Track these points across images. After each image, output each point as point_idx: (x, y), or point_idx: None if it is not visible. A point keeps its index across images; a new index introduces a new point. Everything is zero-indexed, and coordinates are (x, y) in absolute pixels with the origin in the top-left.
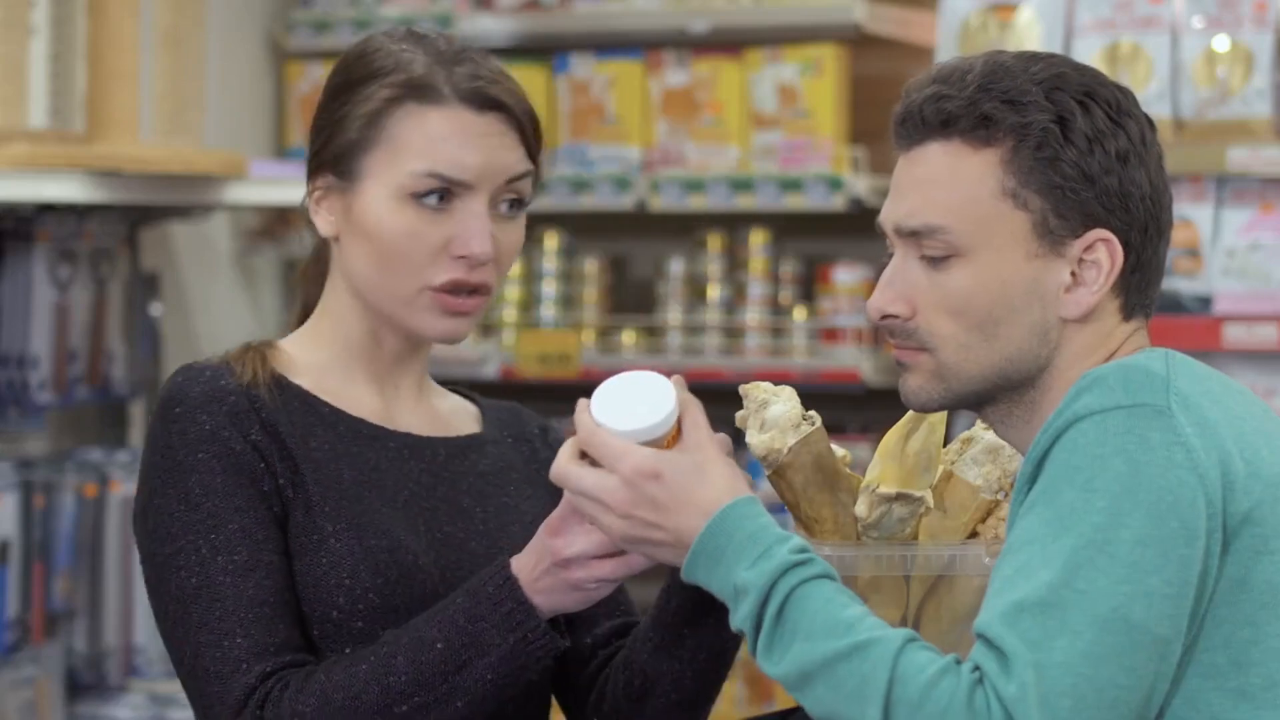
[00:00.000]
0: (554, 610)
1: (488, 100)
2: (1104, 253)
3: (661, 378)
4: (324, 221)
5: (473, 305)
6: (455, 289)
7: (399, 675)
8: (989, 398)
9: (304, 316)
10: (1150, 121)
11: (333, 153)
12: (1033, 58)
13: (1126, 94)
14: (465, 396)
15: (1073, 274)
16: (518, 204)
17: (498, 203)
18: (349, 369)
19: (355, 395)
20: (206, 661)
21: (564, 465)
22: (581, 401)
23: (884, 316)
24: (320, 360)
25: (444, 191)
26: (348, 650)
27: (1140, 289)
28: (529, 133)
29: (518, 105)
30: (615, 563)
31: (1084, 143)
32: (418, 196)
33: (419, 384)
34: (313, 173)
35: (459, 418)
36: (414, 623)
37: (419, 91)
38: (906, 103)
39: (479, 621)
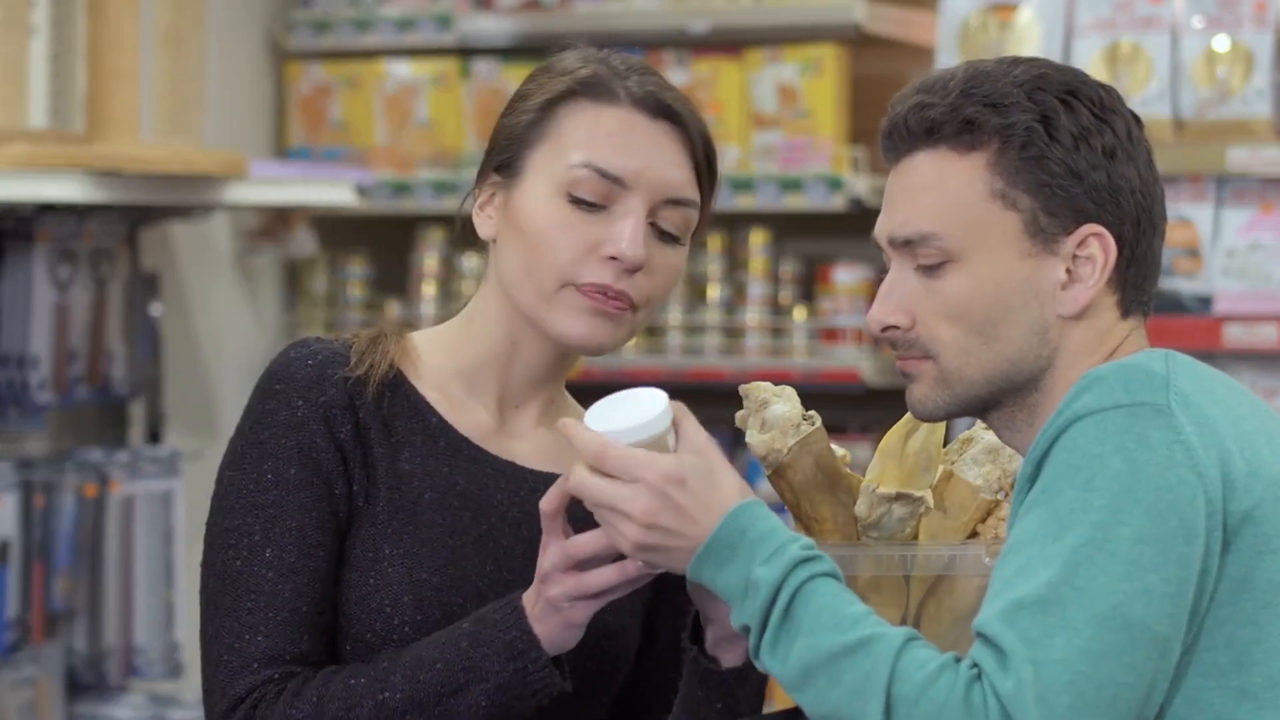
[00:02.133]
0: (554, 643)
1: (661, 107)
2: (1097, 247)
3: (650, 388)
4: (485, 224)
5: (616, 308)
6: (600, 292)
7: (394, 692)
8: (993, 402)
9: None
10: (1136, 118)
11: (502, 153)
12: (1014, 61)
13: (1110, 91)
14: None
15: (1068, 271)
16: (673, 238)
17: (656, 219)
18: (478, 377)
19: (473, 408)
20: (223, 649)
21: (582, 475)
22: (570, 421)
23: (884, 328)
24: (450, 364)
25: (602, 195)
26: None
27: (1137, 284)
28: (700, 158)
29: (692, 121)
30: (577, 578)
31: (1069, 140)
32: (575, 198)
33: (548, 405)
34: (481, 177)
35: None
36: (418, 644)
37: (592, 89)
38: (891, 115)
39: (481, 647)
